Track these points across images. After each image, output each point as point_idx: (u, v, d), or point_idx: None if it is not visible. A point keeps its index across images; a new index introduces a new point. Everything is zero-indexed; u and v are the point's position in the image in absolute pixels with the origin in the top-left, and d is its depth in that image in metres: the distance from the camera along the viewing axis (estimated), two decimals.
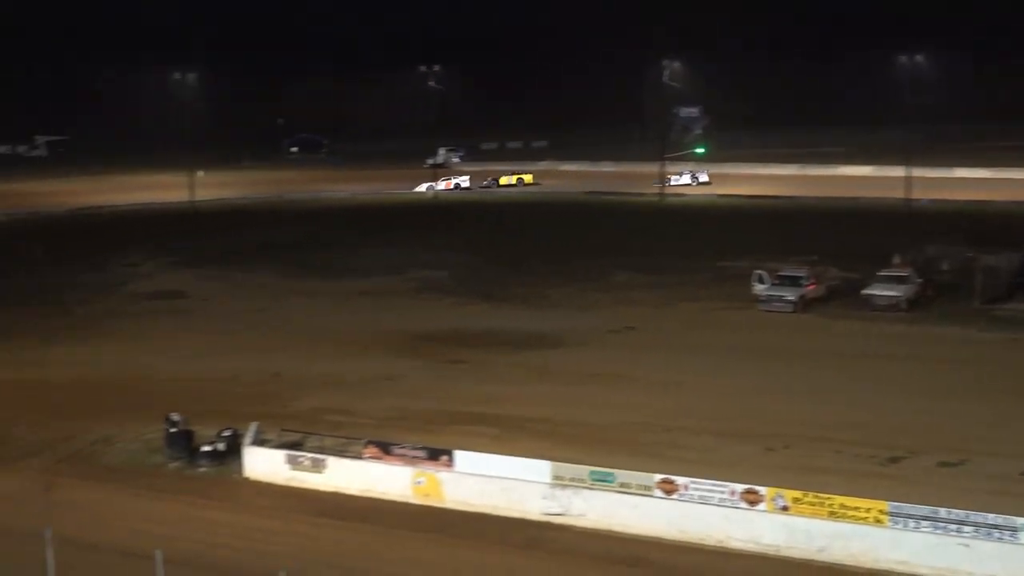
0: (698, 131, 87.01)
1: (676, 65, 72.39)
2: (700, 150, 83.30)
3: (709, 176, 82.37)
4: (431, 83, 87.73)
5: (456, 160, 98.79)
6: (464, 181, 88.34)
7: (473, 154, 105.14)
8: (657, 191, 73.71)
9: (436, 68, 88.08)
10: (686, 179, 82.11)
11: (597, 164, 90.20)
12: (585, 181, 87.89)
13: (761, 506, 21.96)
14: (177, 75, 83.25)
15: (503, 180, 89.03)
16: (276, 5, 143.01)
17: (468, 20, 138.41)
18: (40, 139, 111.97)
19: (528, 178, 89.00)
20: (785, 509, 21.65)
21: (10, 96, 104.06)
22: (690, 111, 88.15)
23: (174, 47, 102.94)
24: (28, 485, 25.39)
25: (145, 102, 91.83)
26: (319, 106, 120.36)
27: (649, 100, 74.43)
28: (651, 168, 76.47)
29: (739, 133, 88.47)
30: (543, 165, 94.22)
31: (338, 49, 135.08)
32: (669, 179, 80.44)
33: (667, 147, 73.88)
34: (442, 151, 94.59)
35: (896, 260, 43.18)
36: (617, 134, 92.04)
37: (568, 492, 23.30)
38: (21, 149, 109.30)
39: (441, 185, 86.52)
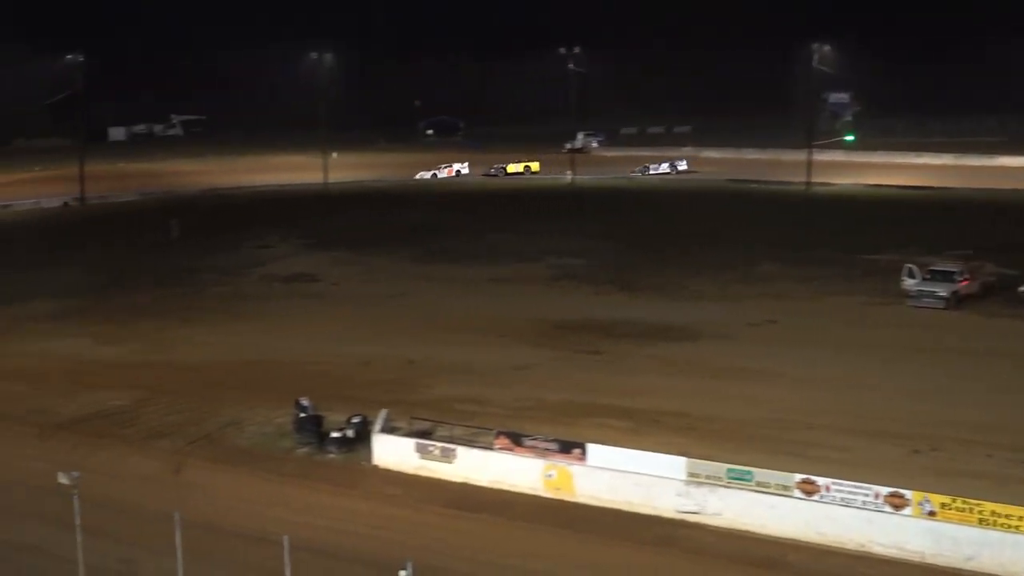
0: (848, 117, 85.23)
1: (826, 49, 69.98)
2: (849, 137, 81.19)
3: (688, 164, 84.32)
4: (571, 66, 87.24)
5: (595, 145, 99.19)
6: (464, 168, 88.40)
7: (613, 139, 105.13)
8: (804, 180, 71.70)
9: (577, 51, 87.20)
10: (664, 167, 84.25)
11: (740, 151, 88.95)
12: (730, 168, 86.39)
13: (906, 510, 21.88)
14: (314, 55, 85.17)
15: (510, 168, 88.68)
16: None
17: (611, 3, 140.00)
18: (176, 118, 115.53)
19: (535, 166, 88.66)
20: (932, 514, 21.60)
21: (147, 75, 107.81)
22: (840, 96, 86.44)
23: (312, 28, 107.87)
24: (158, 466, 26.82)
25: (281, 82, 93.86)
26: (458, 88, 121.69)
27: (797, 85, 72.63)
28: (798, 156, 74.14)
29: (892, 120, 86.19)
30: (685, 151, 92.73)
31: (479, 31, 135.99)
32: (648, 167, 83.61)
33: (815, 134, 71.98)
34: (580, 135, 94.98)
35: None
36: (764, 120, 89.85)
37: (704, 490, 23.45)
38: (157, 128, 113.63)
39: (443, 172, 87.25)
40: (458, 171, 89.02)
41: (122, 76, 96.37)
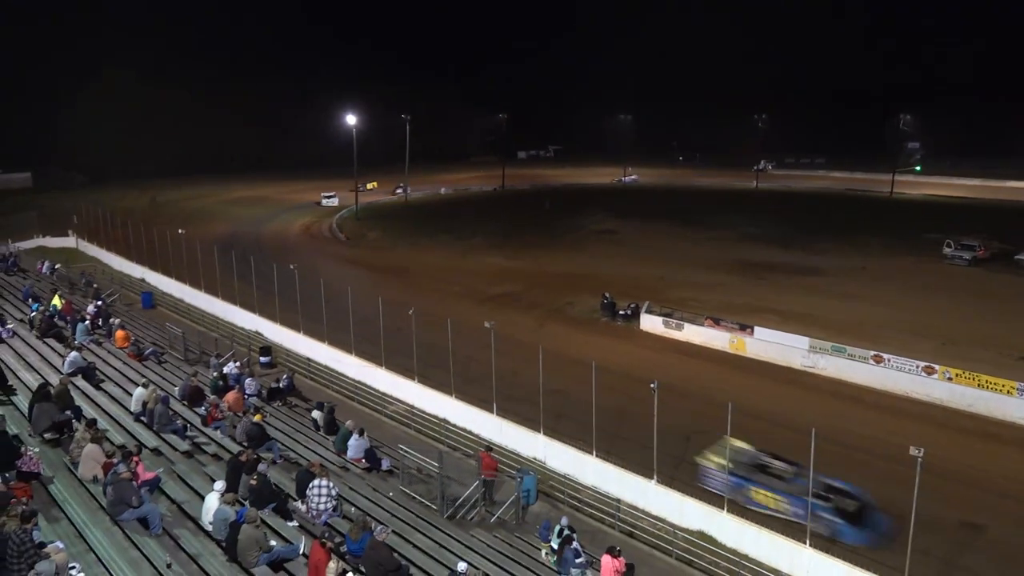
0: (917, 156, 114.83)
1: (908, 117, 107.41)
2: (918, 168, 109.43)
3: (638, 176, 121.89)
4: None
5: (769, 168, 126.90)
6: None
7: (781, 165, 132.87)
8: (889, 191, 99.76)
9: None
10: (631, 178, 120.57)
11: (853, 173, 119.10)
12: (846, 182, 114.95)
13: (935, 376, 31.16)
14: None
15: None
16: None
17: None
18: (550, 147, 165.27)
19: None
20: (950, 379, 30.77)
21: (534, 124, 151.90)
22: (914, 144, 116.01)
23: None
24: (532, 322, 41.58)
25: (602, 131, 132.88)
26: None
27: (888, 139, 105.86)
28: (886, 177, 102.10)
29: (947, 159, 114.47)
30: (819, 173, 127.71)
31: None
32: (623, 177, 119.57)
33: (898, 164, 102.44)
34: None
35: None
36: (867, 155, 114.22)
37: (818, 355, 34.15)
38: (540, 152, 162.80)
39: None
40: None
41: (526, 125, 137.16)
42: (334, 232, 73.92)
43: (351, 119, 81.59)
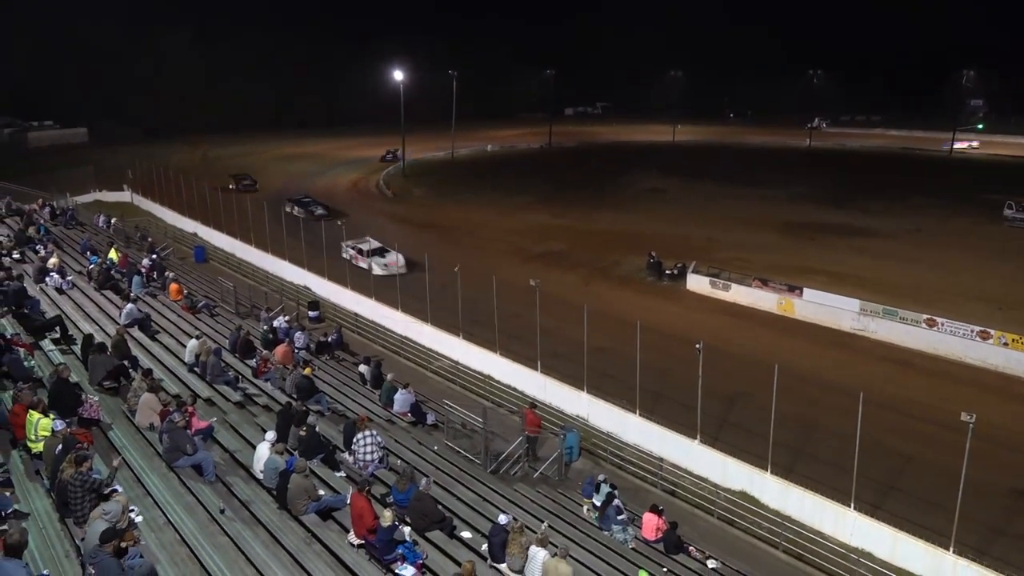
0: (980, 114, 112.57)
1: (971, 73, 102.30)
2: (980, 126, 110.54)
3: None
4: None
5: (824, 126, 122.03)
6: None
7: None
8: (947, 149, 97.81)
9: None
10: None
11: (912, 132, 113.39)
12: (910, 141, 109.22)
13: (990, 341, 30.80)
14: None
15: None
16: None
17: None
18: (598, 104, 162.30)
19: None
20: (1005, 344, 30.38)
21: (593, 81, 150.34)
22: (976, 101, 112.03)
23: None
24: (578, 280, 41.68)
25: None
26: None
27: (948, 96, 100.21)
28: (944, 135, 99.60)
29: (1010, 116, 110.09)
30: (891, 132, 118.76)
31: None
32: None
33: (959, 122, 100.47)
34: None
35: None
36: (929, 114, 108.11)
37: (868, 318, 33.84)
38: (589, 109, 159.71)
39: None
40: None
41: (574, 82, 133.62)
42: (381, 189, 74.28)
43: (398, 75, 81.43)
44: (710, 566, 17.60)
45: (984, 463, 18.25)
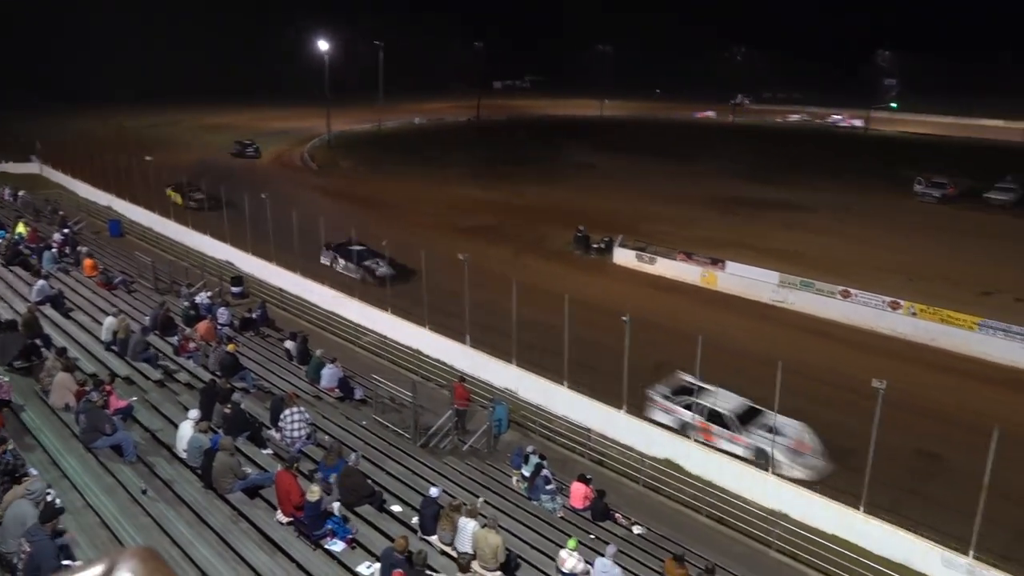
0: (894, 93, 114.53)
1: (887, 54, 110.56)
2: (893, 105, 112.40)
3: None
4: None
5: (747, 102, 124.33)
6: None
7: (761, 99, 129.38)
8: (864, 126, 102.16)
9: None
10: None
11: (829, 109, 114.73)
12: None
13: (900, 311, 31.95)
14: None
15: None
16: None
17: None
18: (527, 78, 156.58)
19: None
20: (914, 314, 31.60)
21: (514, 54, 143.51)
22: (891, 80, 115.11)
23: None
24: (507, 254, 41.18)
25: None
26: None
27: (863, 76, 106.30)
28: (862, 113, 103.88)
29: (920, 97, 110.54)
30: (809, 109, 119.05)
31: None
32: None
33: (874, 101, 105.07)
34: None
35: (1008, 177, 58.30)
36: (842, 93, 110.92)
37: (787, 290, 34.88)
38: (515, 83, 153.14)
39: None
40: None
41: (503, 54, 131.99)
42: (305, 161, 72.77)
43: (323, 45, 79.63)
44: (636, 531, 18.09)
45: (894, 427, 19.06)
